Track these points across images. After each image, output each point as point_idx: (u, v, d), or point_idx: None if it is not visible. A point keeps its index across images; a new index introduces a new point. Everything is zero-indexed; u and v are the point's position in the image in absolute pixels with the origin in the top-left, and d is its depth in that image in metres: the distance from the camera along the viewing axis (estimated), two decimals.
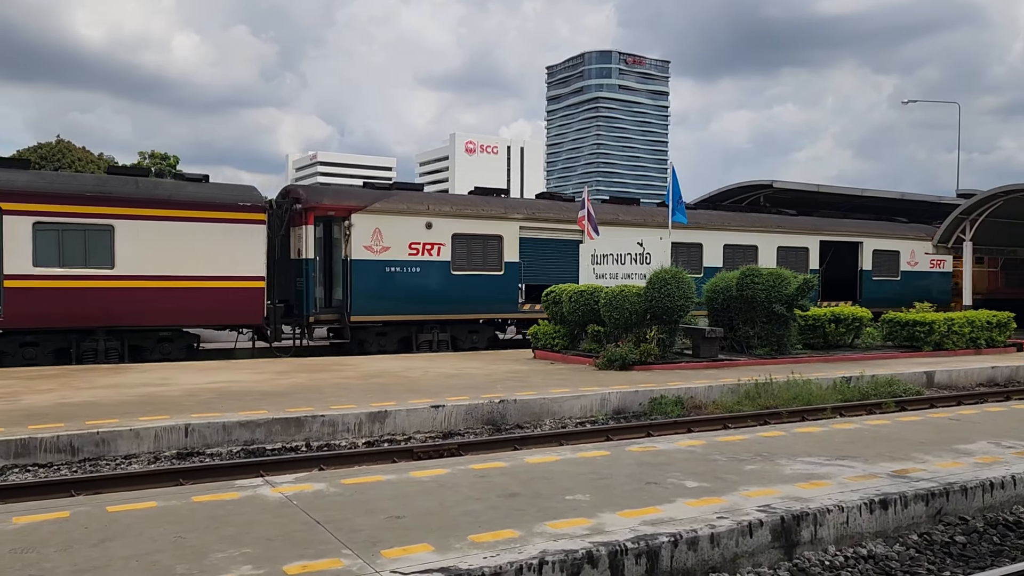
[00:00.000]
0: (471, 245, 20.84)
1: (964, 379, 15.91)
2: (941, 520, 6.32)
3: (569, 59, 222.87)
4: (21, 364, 16.12)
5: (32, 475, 8.30)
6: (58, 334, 16.61)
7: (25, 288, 16.01)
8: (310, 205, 19.06)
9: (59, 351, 16.67)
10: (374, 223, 19.42)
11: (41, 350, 16.49)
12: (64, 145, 48.72)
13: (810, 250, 26.79)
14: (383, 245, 19.53)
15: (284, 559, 4.63)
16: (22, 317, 16.00)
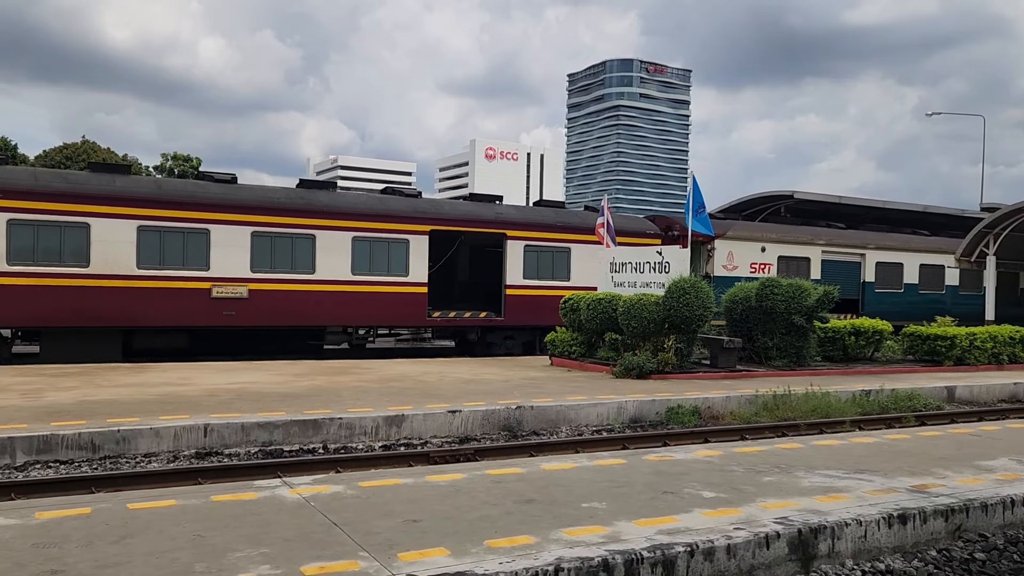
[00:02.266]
0: (789, 264, 25.53)
1: (985, 395, 15.73)
2: (960, 536, 6.26)
3: (590, 67, 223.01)
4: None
5: (54, 471, 8.40)
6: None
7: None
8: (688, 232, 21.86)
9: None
10: (728, 247, 24.53)
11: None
12: (89, 146, 49.37)
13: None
14: (734, 264, 24.58)
15: (302, 560, 4.67)
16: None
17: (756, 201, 30.34)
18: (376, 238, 19.73)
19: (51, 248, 16.60)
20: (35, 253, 16.46)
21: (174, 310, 17.42)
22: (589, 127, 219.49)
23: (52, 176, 17.72)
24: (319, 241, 19.11)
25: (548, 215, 22.86)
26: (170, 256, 17.64)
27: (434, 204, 22.60)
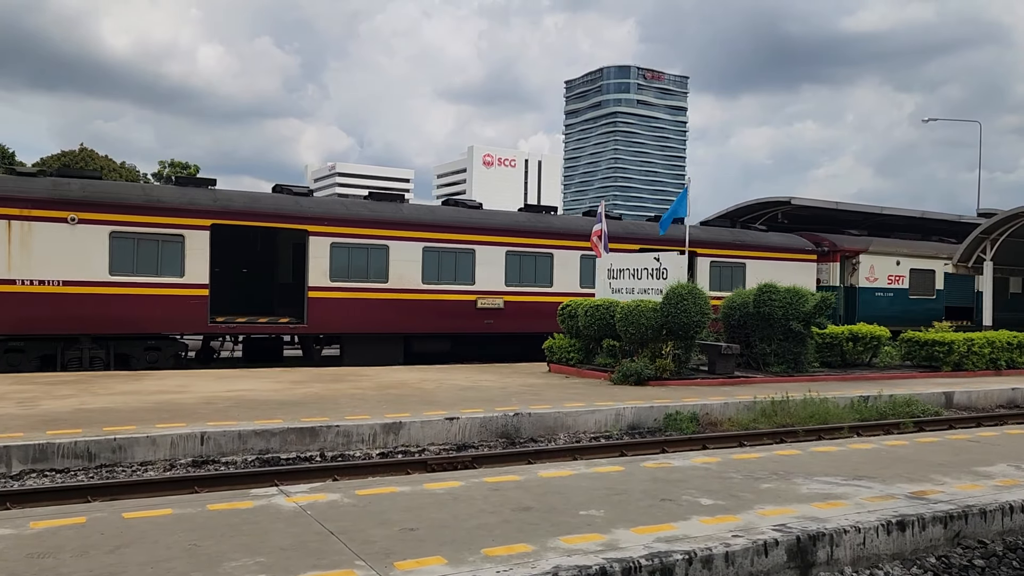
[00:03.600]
0: (917, 276, 28.69)
1: (984, 400, 15.73)
2: (959, 543, 6.24)
3: (588, 74, 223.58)
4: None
5: (49, 480, 8.37)
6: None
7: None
8: (837, 248, 27.72)
9: None
10: (870, 261, 27.72)
11: None
12: (87, 153, 49.38)
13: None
14: (874, 276, 27.78)
15: (298, 569, 4.65)
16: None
17: (754, 207, 30.37)
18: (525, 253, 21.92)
19: (360, 267, 19.61)
20: (348, 271, 19.40)
21: (446, 319, 19.42)
22: (587, 134, 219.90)
23: (358, 206, 20.72)
24: (556, 258, 22.02)
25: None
26: (444, 273, 20.49)
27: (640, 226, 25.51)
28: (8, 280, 16.21)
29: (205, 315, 18.13)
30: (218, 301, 18.87)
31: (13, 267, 16.19)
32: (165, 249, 17.56)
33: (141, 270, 17.36)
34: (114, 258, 17.07)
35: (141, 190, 18.78)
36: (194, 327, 18.35)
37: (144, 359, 17.74)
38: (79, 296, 16.63)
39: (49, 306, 16.53)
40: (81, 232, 16.76)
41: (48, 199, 16.60)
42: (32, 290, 16.42)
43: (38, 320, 16.47)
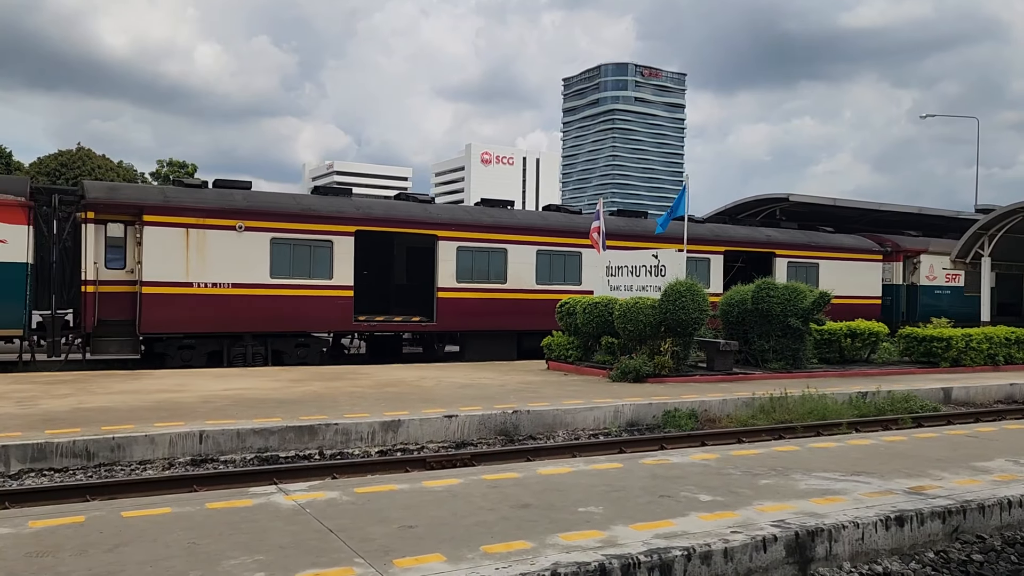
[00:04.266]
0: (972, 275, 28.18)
1: (982, 396, 15.75)
2: (958, 538, 6.25)
3: (585, 71, 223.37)
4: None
5: (48, 479, 8.36)
6: None
7: None
8: (900, 248, 29.24)
9: None
10: (930, 261, 29.07)
11: None
12: (84, 153, 49.30)
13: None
14: (933, 275, 29.10)
15: (297, 567, 4.65)
16: None
17: (752, 204, 30.38)
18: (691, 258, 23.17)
19: (482, 269, 21.15)
20: (472, 273, 20.97)
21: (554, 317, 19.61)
22: (585, 131, 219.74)
23: (480, 212, 22.30)
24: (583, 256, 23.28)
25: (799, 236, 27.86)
26: (555, 274, 22.22)
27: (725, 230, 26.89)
28: (186, 283, 17.63)
29: (350, 314, 19.62)
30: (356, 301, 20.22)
31: (190, 271, 17.65)
32: (316, 254, 19.09)
33: (296, 273, 18.82)
34: (274, 262, 18.58)
35: (294, 200, 20.27)
36: (340, 325, 19.85)
37: (295, 355, 19.07)
38: (245, 297, 18.13)
39: (219, 306, 17.95)
40: (247, 238, 18.30)
41: (219, 209, 18.11)
42: (205, 292, 17.85)
43: (209, 319, 17.86)
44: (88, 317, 16.89)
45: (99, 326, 16.96)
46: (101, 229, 17.18)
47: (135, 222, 17.45)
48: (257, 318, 18.27)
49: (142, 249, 17.20)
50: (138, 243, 17.32)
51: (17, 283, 16.10)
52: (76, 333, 17.27)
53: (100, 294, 16.94)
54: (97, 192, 17.68)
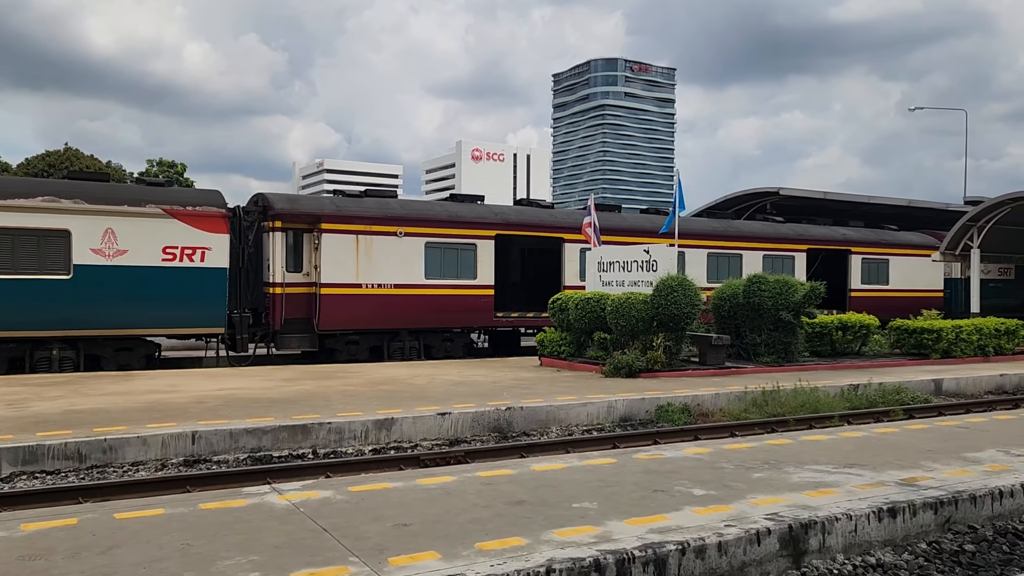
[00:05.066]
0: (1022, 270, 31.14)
1: (972, 387, 15.84)
2: (950, 529, 6.29)
3: (575, 67, 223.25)
4: None
5: (40, 482, 8.32)
6: None
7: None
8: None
9: None
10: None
11: None
12: (72, 153, 48.99)
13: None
14: (987, 269, 29.11)
15: (291, 566, 4.64)
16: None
17: (743, 198, 30.47)
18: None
19: (724, 270, 23.63)
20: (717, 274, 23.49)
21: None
22: (575, 127, 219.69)
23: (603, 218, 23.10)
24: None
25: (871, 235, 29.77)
26: (722, 273, 24.13)
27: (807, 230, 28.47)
28: (356, 284, 19.46)
29: (491, 311, 21.40)
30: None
31: (360, 273, 19.50)
32: (462, 256, 21.01)
33: (446, 274, 20.56)
34: (428, 264, 20.43)
35: (442, 207, 22.16)
36: (483, 321, 21.54)
37: (443, 348, 20.94)
38: (404, 296, 19.79)
39: (383, 305, 19.79)
40: (405, 243, 20.18)
41: (382, 217, 20.08)
42: (372, 292, 19.71)
43: (374, 317, 19.74)
44: (276, 316, 18.75)
45: (283, 324, 18.84)
46: (285, 236, 19.05)
47: (312, 230, 19.24)
48: (413, 315, 20.18)
49: (319, 254, 19.06)
50: (315, 249, 19.17)
51: (220, 286, 17.92)
52: (263, 330, 18.98)
53: (286, 295, 18.77)
54: (282, 203, 19.48)
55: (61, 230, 16.45)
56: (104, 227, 16.82)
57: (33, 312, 16.22)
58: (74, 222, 16.56)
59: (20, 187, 17.18)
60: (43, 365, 16.55)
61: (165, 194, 18.02)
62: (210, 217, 17.83)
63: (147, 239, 17.21)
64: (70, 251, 16.52)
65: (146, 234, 17.20)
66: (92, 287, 16.61)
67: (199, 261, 17.64)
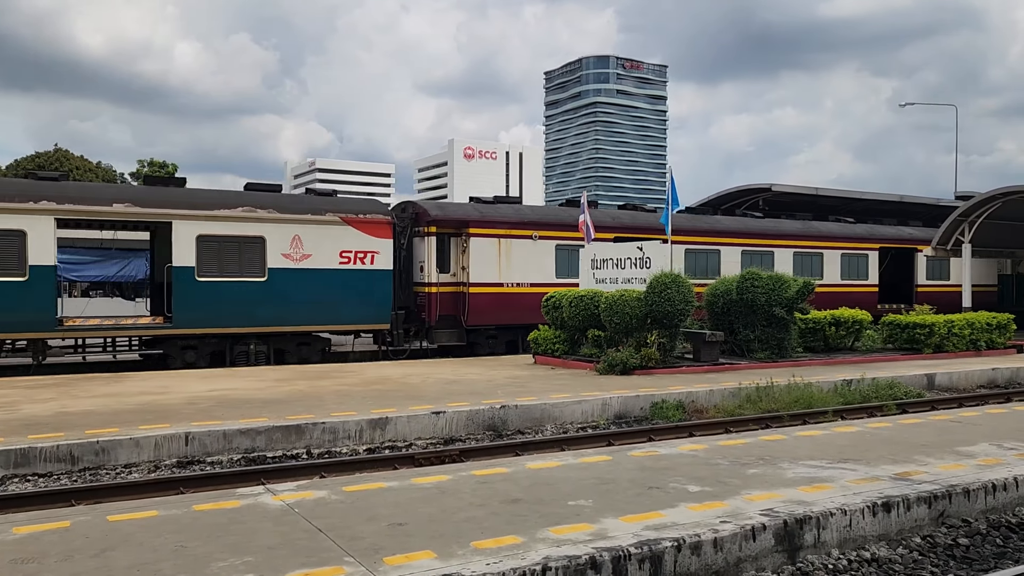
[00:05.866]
0: None
1: (965, 381, 15.90)
2: (944, 522, 6.31)
3: (567, 64, 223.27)
4: None
5: (32, 485, 8.27)
6: None
7: None
8: None
9: None
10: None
11: None
12: (62, 153, 48.78)
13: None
14: None
15: (286, 567, 4.62)
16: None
17: (735, 195, 30.51)
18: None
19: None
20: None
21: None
22: (567, 124, 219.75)
23: (696, 220, 25.74)
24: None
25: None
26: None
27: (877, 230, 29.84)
28: (498, 283, 21.30)
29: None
30: None
31: (501, 273, 21.32)
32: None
33: (573, 273, 21.17)
34: (558, 264, 22.13)
35: (567, 212, 23.43)
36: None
37: None
38: (537, 294, 20.08)
39: (520, 302, 21.36)
40: (540, 245, 22.02)
41: (519, 221, 21.95)
42: (511, 290, 21.53)
43: (512, 313, 21.39)
44: (432, 313, 20.66)
45: (437, 320, 20.73)
46: (436, 240, 20.95)
47: (460, 234, 21.15)
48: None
49: (467, 256, 20.90)
50: (463, 252, 21.12)
51: (387, 286, 19.79)
52: (415, 326, 20.85)
53: (439, 294, 20.67)
54: (436, 211, 21.52)
55: (258, 237, 18.20)
56: (292, 234, 18.62)
57: (235, 310, 17.91)
58: (268, 229, 18.32)
59: (225, 199, 18.67)
60: (241, 359, 18.21)
61: (340, 203, 19.94)
62: (378, 224, 19.77)
63: (327, 244, 19.02)
64: (265, 256, 18.25)
65: (326, 239, 19.02)
66: (282, 288, 18.40)
67: (369, 264, 19.48)
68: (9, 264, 16.08)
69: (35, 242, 16.23)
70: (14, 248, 16.11)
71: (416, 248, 21.04)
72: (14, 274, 16.08)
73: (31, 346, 16.81)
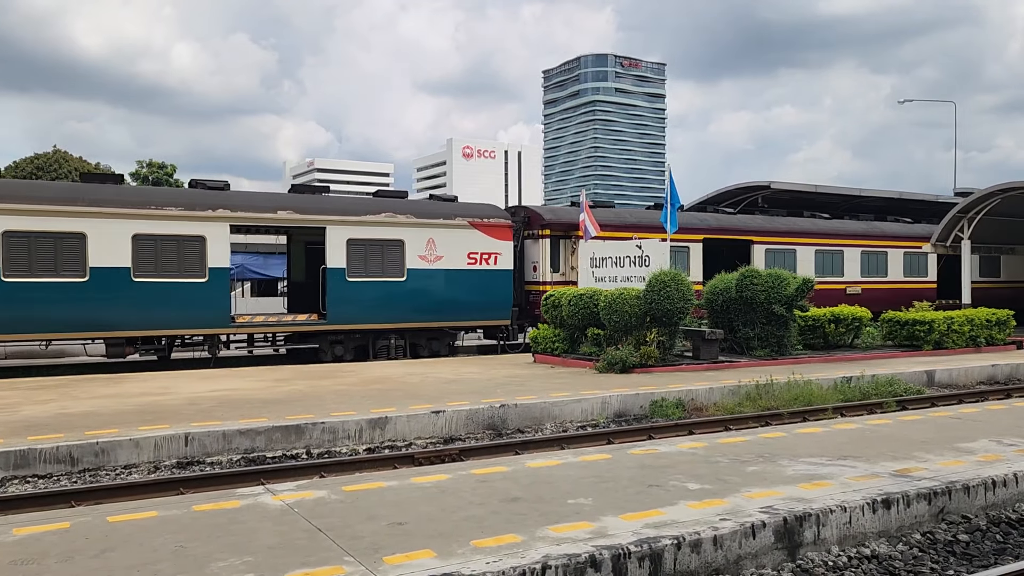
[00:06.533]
0: None
1: (964, 377, 15.90)
2: (944, 519, 6.31)
3: (565, 63, 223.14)
4: None
5: (32, 486, 8.27)
6: None
7: None
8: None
9: None
10: None
11: None
12: (61, 155, 48.71)
13: None
14: None
15: (286, 567, 4.62)
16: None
17: (734, 192, 30.47)
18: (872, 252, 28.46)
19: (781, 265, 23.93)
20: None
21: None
22: (566, 123, 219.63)
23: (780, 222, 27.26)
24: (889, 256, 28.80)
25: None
26: (827, 268, 27.08)
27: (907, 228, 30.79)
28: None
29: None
30: None
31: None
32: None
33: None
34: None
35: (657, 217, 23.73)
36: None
37: None
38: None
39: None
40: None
41: (620, 224, 23.40)
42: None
43: None
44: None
45: None
46: (551, 242, 22.59)
47: (569, 236, 22.67)
48: None
49: (576, 257, 21.81)
50: (571, 253, 22.57)
51: (508, 285, 21.37)
52: (529, 322, 22.20)
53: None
54: (549, 215, 23.20)
55: (398, 240, 19.94)
56: (427, 237, 20.34)
57: (378, 307, 19.59)
58: (407, 233, 20.06)
59: (368, 206, 20.38)
60: (383, 353, 19.79)
61: (468, 208, 21.65)
62: (501, 227, 21.53)
63: (456, 246, 20.58)
64: (404, 257, 19.98)
65: (455, 242, 20.58)
66: (419, 286, 19.99)
67: (493, 264, 21.13)
68: (192, 266, 17.68)
69: (213, 246, 17.86)
70: (196, 252, 17.69)
71: (528, 249, 22.76)
72: (196, 275, 17.69)
73: (207, 341, 18.50)
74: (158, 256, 17.32)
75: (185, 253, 17.57)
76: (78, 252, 16.57)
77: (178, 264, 17.50)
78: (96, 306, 16.70)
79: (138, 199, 17.81)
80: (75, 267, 16.58)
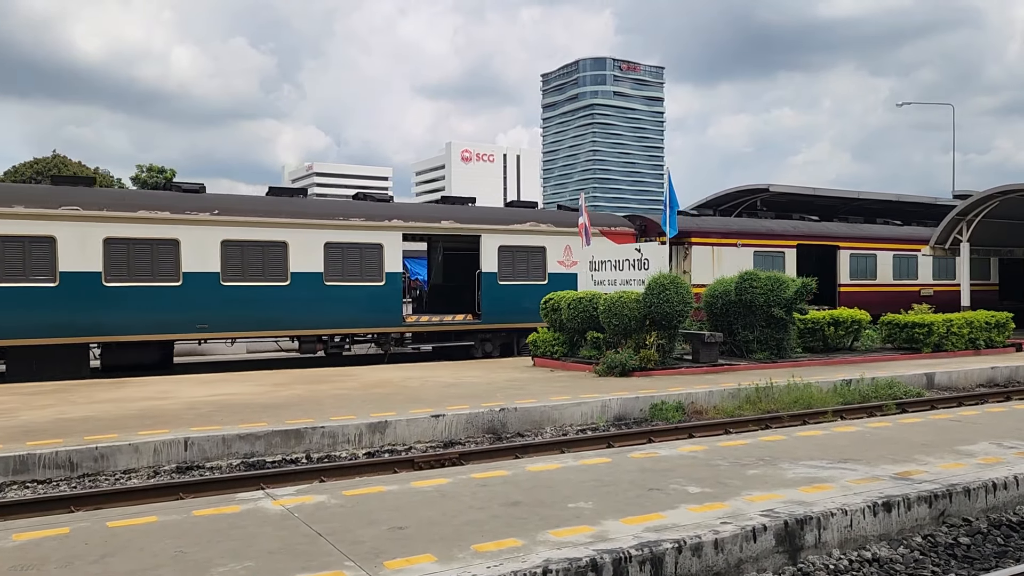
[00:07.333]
0: None
1: (964, 380, 15.90)
2: (945, 522, 6.30)
3: (564, 66, 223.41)
4: None
5: (31, 491, 8.26)
6: None
7: None
8: None
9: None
10: None
11: None
12: (60, 160, 48.71)
13: None
14: None
15: (286, 572, 4.61)
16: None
17: (733, 195, 30.50)
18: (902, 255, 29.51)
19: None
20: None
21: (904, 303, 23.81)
22: (564, 127, 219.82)
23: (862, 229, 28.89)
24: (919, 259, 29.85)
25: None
26: (902, 272, 29.05)
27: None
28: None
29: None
30: None
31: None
32: (775, 260, 25.52)
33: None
34: (755, 266, 23.23)
35: (762, 223, 26.77)
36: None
37: None
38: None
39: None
40: (742, 252, 25.01)
41: (726, 231, 25.32)
42: None
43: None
44: None
45: None
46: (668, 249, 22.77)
47: (682, 243, 24.09)
48: None
49: (689, 261, 24.09)
50: (685, 258, 24.34)
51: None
52: None
53: None
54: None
55: (541, 247, 22.17)
56: (564, 244, 22.35)
57: (524, 308, 21.17)
58: (548, 241, 22.23)
59: (513, 216, 22.37)
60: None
61: (597, 217, 23.39)
62: (625, 235, 23.57)
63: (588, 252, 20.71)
64: (546, 262, 22.16)
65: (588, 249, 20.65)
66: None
67: None
68: (372, 271, 19.76)
69: (389, 252, 19.98)
70: (375, 258, 19.80)
71: None
72: (375, 279, 19.80)
73: (380, 338, 20.65)
74: (344, 262, 19.39)
75: (366, 259, 19.67)
76: (281, 259, 18.67)
77: (360, 269, 19.60)
78: (296, 306, 18.78)
79: (329, 211, 19.94)
80: (279, 272, 18.66)
